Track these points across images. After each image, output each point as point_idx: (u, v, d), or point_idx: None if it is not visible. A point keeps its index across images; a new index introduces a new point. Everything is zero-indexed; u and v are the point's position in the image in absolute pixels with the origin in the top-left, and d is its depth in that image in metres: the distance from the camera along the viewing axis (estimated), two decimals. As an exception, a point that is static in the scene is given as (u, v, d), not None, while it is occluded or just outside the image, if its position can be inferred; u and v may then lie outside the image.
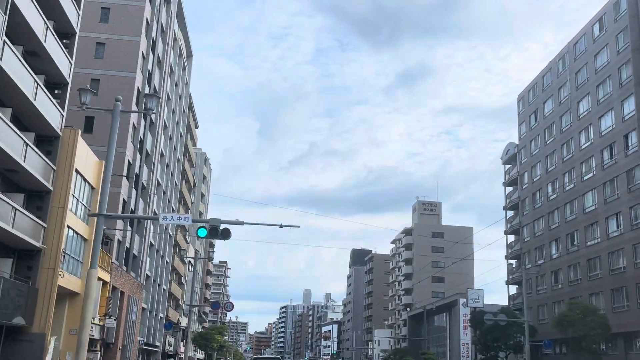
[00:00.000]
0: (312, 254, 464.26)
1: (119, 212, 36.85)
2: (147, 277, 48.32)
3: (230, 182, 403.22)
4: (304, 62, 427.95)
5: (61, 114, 26.99)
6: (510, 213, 62.46)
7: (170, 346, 60.27)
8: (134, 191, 40.43)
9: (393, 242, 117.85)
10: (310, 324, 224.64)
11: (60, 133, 26.82)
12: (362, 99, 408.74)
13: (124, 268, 39.25)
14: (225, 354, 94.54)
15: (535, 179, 55.70)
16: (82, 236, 29.82)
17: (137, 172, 41.33)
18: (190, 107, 65.60)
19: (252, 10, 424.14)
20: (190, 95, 63.86)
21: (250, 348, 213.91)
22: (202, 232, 19.28)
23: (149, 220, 46.03)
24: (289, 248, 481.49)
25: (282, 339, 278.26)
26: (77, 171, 27.74)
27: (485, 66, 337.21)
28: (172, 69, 52.87)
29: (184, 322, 65.52)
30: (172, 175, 56.17)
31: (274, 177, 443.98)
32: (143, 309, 47.40)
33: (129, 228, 39.80)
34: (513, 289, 61.34)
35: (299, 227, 19.40)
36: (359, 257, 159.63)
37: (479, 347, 53.39)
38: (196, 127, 71.32)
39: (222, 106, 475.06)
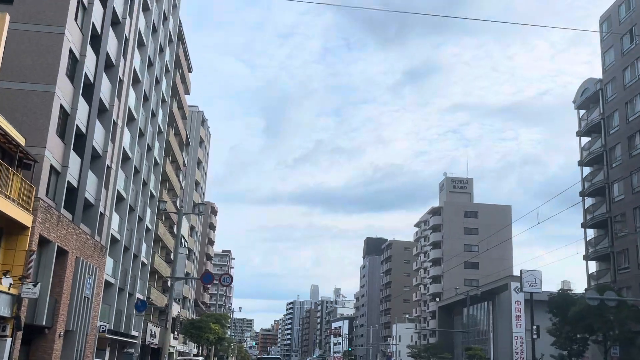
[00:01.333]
0: (318, 252, 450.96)
1: (51, 122, 23.70)
2: (115, 241, 35.27)
3: (237, 180, 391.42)
4: (311, 60, 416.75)
5: None
6: (587, 170, 49.10)
7: (154, 337, 47.23)
8: (84, 104, 27.32)
9: (417, 224, 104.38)
10: (318, 320, 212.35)
11: None
12: (369, 98, 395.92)
13: (68, 216, 26.22)
14: (227, 349, 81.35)
15: (631, 119, 42.19)
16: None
17: (91, 79, 28.21)
18: (181, 39, 52.49)
19: (259, 8, 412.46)
20: (180, 23, 50.75)
21: (256, 344, 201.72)
22: None
23: (114, 161, 32.96)
24: (294, 246, 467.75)
25: (289, 336, 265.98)
26: None
27: (492, 64, 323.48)
28: (153, -30, 39.97)
29: (175, 310, 52.46)
30: (153, 115, 43.13)
31: (280, 175, 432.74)
32: (109, 284, 34.41)
33: (74, 155, 26.69)
34: (592, 267, 47.89)
35: None
36: (374, 247, 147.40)
37: (559, 340, 40.10)
38: (189, 70, 58.20)
39: (228, 104, 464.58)
